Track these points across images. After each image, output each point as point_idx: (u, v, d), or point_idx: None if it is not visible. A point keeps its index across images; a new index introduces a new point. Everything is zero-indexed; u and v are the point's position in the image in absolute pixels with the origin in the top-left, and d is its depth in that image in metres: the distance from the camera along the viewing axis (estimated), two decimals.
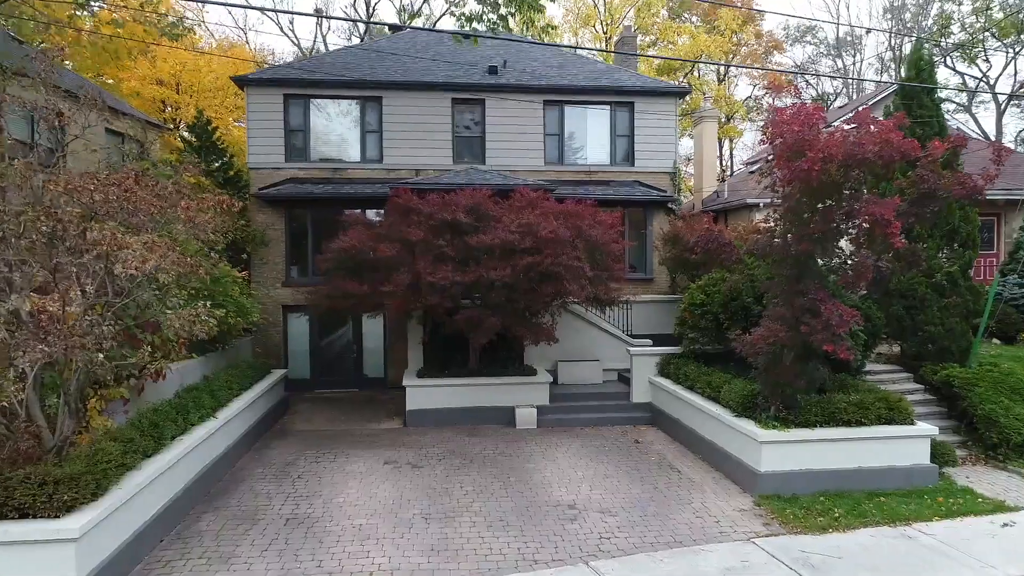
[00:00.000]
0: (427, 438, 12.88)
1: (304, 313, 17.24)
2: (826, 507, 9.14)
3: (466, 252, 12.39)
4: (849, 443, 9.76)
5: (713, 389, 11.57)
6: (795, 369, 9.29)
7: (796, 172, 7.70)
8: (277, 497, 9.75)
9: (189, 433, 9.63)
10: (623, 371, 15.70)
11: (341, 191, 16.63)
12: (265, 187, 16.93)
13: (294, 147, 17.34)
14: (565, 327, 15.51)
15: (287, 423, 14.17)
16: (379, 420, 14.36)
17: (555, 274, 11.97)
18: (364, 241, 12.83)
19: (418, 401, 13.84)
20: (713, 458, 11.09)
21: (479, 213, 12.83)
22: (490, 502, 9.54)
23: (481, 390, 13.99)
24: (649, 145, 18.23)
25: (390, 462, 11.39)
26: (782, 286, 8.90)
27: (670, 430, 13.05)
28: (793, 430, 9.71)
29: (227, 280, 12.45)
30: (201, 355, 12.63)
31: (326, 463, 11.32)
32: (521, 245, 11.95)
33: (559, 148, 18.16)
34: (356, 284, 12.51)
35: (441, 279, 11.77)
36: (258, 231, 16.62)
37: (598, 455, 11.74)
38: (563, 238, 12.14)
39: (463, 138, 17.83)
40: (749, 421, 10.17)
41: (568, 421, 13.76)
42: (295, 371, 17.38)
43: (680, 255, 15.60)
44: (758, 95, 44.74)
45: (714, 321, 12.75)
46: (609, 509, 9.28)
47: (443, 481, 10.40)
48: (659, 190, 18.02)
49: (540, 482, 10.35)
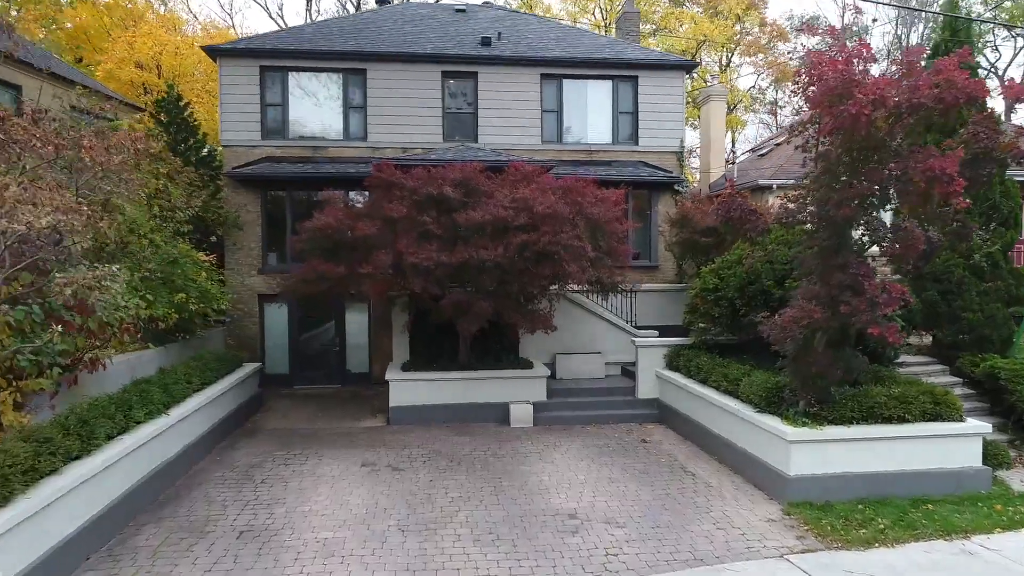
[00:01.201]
0: (411, 437, 11.62)
1: (283, 303, 15.96)
2: (867, 517, 7.89)
3: (453, 230, 11.13)
4: (890, 442, 8.51)
5: (730, 382, 10.33)
6: (829, 357, 8.04)
7: (840, 119, 6.44)
8: (234, 505, 8.48)
9: (132, 432, 8.35)
10: (627, 364, 14.45)
11: (321, 170, 15.34)
12: (239, 166, 15.64)
13: (271, 124, 16.04)
14: (564, 317, 14.26)
15: (259, 421, 12.89)
16: (361, 418, 13.09)
17: (552, 254, 10.71)
18: (342, 219, 11.56)
19: (402, 397, 12.58)
20: (731, 460, 9.84)
21: (469, 188, 11.57)
22: (478, 511, 8.28)
23: (472, 385, 12.74)
24: (654, 123, 16.97)
25: (368, 464, 10.12)
26: (817, 260, 7.65)
27: (680, 428, 11.80)
28: (826, 428, 8.46)
29: (187, 261, 11.16)
30: (161, 345, 11.38)
31: (296, 465, 10.06)
32: (515, 222, 10.69)
33: (557, 126, 16.89)
34: (332, 266, 11.24)
35: (425, 260, 10.50)
36: (230, 213, 15.32)
37: (601, 456, 10.49)
38: (561, 214, 10.88)
39: (454, 115, 16.55)
40: (774, 418, 8.93)
41: (567, 419, 12.50)
42: (273, 365, 16.12)
43: (689, 238, 14.35)
44: (762, 86, 43.62)
45: (729, 308, 11.51)
46: (615, 519, 8.02)
47: (426, 486, 9.14)
48: (665, 171, 16.77)
49: (536, 487, 9.09)
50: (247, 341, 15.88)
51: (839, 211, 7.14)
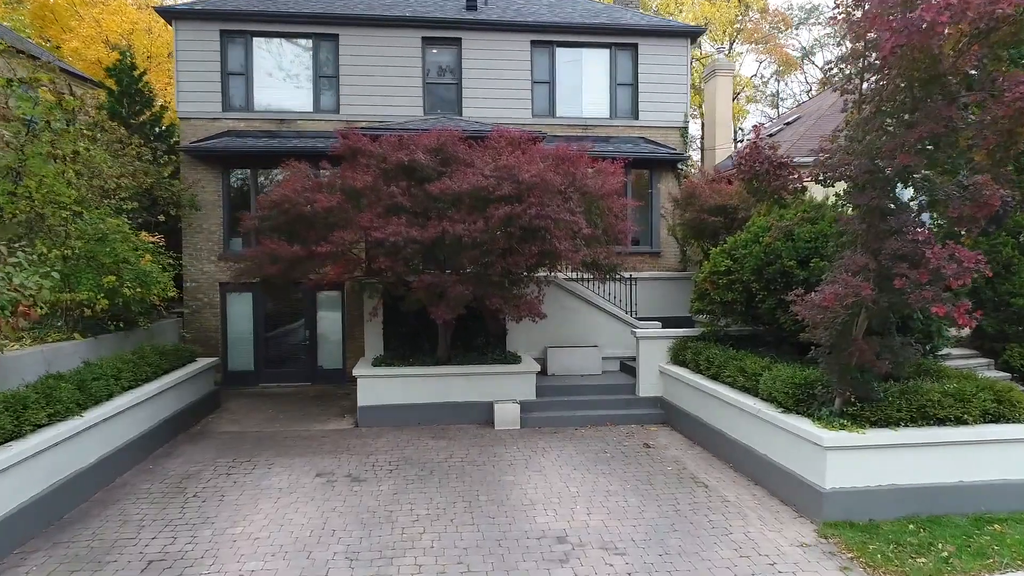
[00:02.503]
0: (380, 442, 10.13)
1: (247, 292, 14.47)
2: (924, 541, 6.42)
3: (426, 203, 9.65)
4: (947, 449, 7.04)
5: (748, 378, 8.87)
6: (875, 346, 6.58)
7: (905, 35, 4.98)
8: (152, 526, 6.99)
9: (24, 439, 6.84)
10: (627, 359, 12.99)
11: (288, 145, 13.84)
12: (198, 141, 14.14)
13: (233, 95, 14.55)
14: (556, 306, 12.79)
15: (211, 423, 11.39)
16: (327, 419, 11.60)
17: (540, 229, 9.22)
18: (300, 192, 10.05)
19: (372, 396, 11.09)
20: (750, 468, 8.38)
21: (445, 155, 10.09)
22: (448, 533, 6.80)
23: (451, 382, 11.25)
24: (656, 95, 15.50)
25: (324, 474, 8.63)
26: (863, 225, 6.18)
27: (688, 431, 10.34)
28: (870, 431, 6.99)
29: (117, 238, 9.64)
30: (93, 336, 9.89)
31: (239, 476, 8.56)
32: (497, 192, 9.20)
33: (550, 98, 15.41)
34: (287, 246, 9.75)
35: (392, 235, 9.00)
36: (184, 192, 13.80)
37: (597, 464, 9.02)
38: (551, 184, 9.40)
39: (436, 85, 15.06)
40: (803, 419, 7.46)
41: (559, 420, 11.03)
42: (236, 361, 14.63)
43: (696, 218, 12.87)
44: (764, 75, 42.28)
45: (743, 293, 10.05)
46: (614, 543, 6.55)
47: (388, 501, 7.66)
48: (667, 148, 15.30)
49: (519, 502, 7.61)
50: (207, 335, 14.39)
51: (894, 160, 5.68)
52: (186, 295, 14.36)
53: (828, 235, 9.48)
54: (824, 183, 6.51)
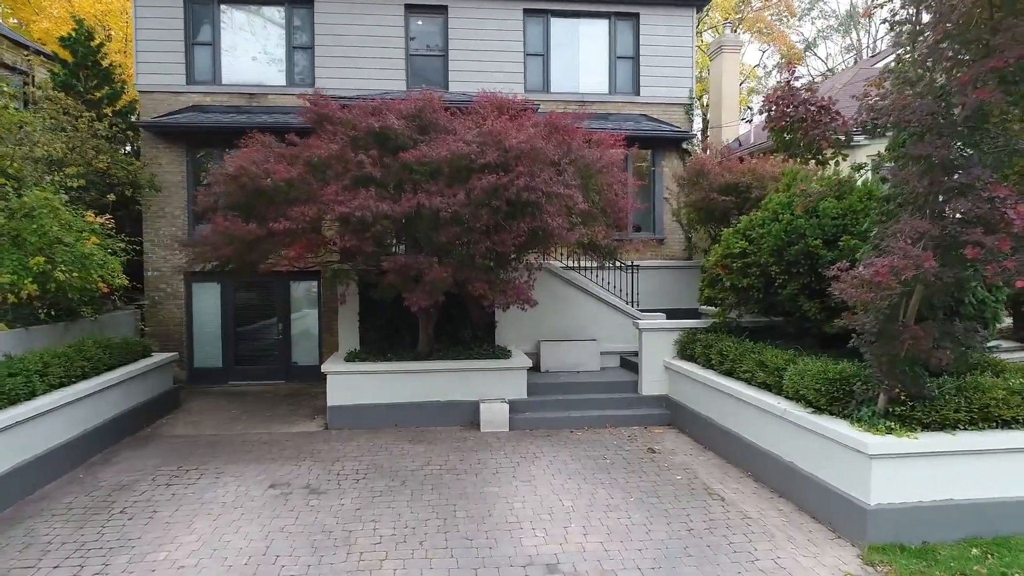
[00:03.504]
0: (350, 446, 8.96)
1: (215, 282, 13.28)
2: (995, 570, 5.25)
3: (401, 174, 8.46)
4: (1017, 456, 5.87)
5: (769, 373, 7.69)
6: (932, 332, 5.40)
7: None
8: (58, 551, 5.80)
9: None
10: (628, 354, 11.82)
11: (257, 121, 12.61)
12: (160, 116, 12.93)
13: (199, 67, 13.35)
14: (550, 295, 11.62)
15: (165, 425, 10.20)
16: (295, 420, 10.42)
17: (530, 203, 8.04)
18: (260, 163, 8.86)
19: (345, 394, 9.91)
20: (774, 478, 7.21)
21: (424, 122, 8.92)
22: (415, 559, 5.63)
23: (433, 379, 10.07)
24: (658, 70, 14.32)
25: (279, 485, 7.45)
26: (923, 181, 5.01)
27: (698, 433, 9.17)
28: (923, 435, 5.82)
29: (44, 214, 8.43)
30: (22, 327, 8.74)
31: (180, 487, 7.38)
32: (480, 160, 8.02)
33: (543, 72, 14.23)
34: (241, 224, 8.55)
35: (359, 210, 7.81)
36: (142, 172, 12.58)
37: (595, 472, 7.85)
38: (542, 152, 8.22)
39: (420, 57, 13.88)
40: (839, 420, 6.30)
41: (553, 421, 9.86)
42: (203, 357, 13.44)
43: (704, 199, 11.69)
44: (767, 65, 41.15)
45: (760, 277, 8.89)
46: (616, 573, 5.38)
47: (349, 518, 6.48)
48: (671, 125, 14.12)
49: (503, 520, 6.44)
50: (170, 328, 13.20)
51: (966, 96, 4.52)
52: (147, 285, 13.16)
53: (858, 211, 8.39)
54: (872, 132, 5.35)
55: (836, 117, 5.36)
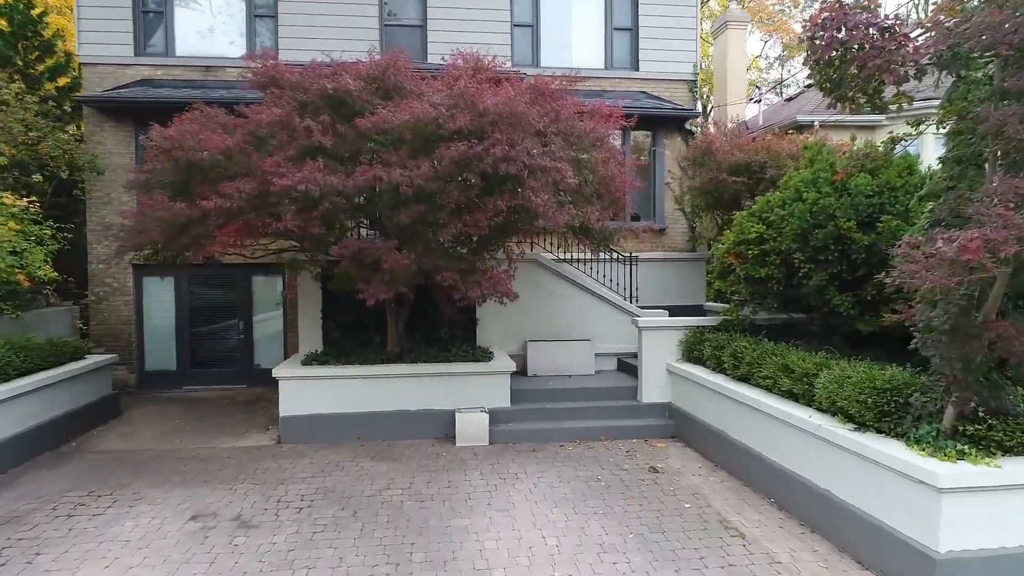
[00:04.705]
0: (301, 464, 7.65)
1: (169, 275, 11.97)
2: None
3: (357, 143, 7.15)
4: None
5: (796, 380, 6.40)
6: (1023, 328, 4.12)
7: None
8: None
9: None
10: (626, 355, 10.53)
11: (213, 96, 11.25)
12: (106, 91, 11.61)
13: (150, 36, 12.02)
14: (538, 289, 10.33)
15: (94, 438, 8.89)
16: (245, 432, 9.11)
17: (510, 177, 6.74)
18: (194, 134, 7.53)
19: (300, 403, 8.60)
20: (804, 507, 5.91)
21: (388, 86, 7.62)
22: None
23: (403, 385, 8.77)
24: (660, 42, 13.03)
25: (203, 516, 6.14)
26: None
27: (707, 448, 7.88)
28: (1006, 462, 4.53)
29: None
30: None
31: (83, 520, 6.06)
32: (449, 125, 6.71)
33: (533, 44, 12.92)
34: (168, 203, 7.24)
35: (302, 183, 6.49)
36: (81, 150, 11.23)
37: (588, 498, 6.55)
38: (523, 116, 6.91)
39: (396, 27, 12.57)
40: (892, 441, 5.01)
41: (540, 433, 8.56)
42: (156, 359, 12.13)
43: (713, 180, 10.38)
44: (769, 55, 39.88)
45: (781, 267, 7.61)
46: None
47: (278, 563, 5.17)
48: (673, 104, 12.83)
49: (471, 566, 5.13)
50: (117, 327, 11.88)
51: None
52: (91, 279, 11.83)
53: (896, 188, 7.15)
54: (950, 64, 4.06)
55: (905, 42, 4.08)
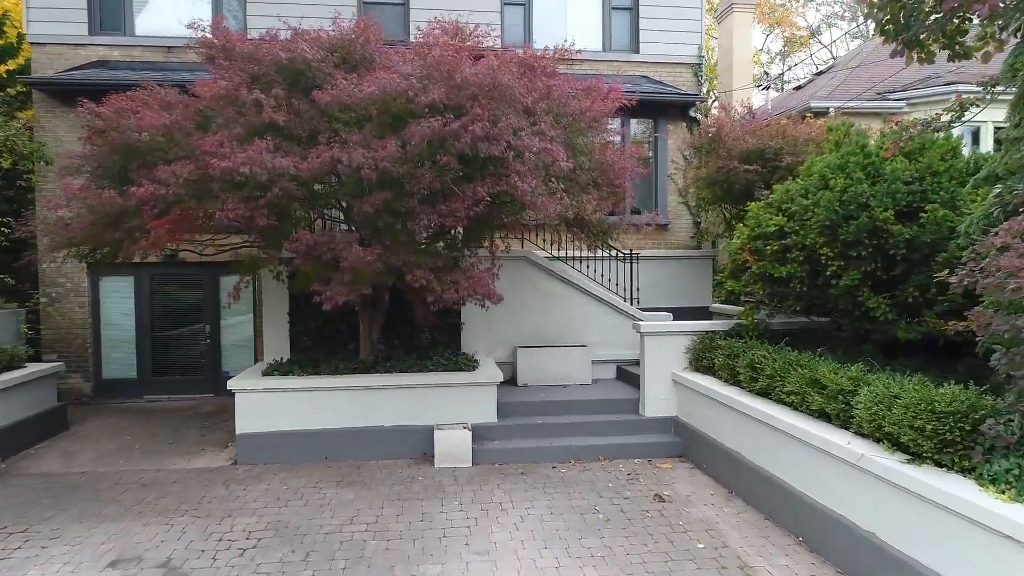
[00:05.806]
0: (256, 491, 6.67)
1: (128, 276, 10.98)
2: None
3: (317, 121, 6.17)
4: None
5: (828, 398, 5.42)
6: None
7: None
8: None
9: None
10: (626, 363, 9.57)
11: (175, 78, 10.24)
12: (58, 73, 10.62)
13: (106, 13, 11.04)
14: (529, 289, 9.36)
15: (30, 457, 7.91)
16: (200, 450, 8.14)
17: (492, 160, 5.76)
18: (133, 111, 6.54)
19: (259, 419, 7.62)
20: (841, 551, 4.94)
21: (354, 57, 6.63)
22: None
23: (376, 398, 7.79)
24: (662, 23, 12.07)
25: (125, 561, 5.15)
26: None
27: (720, 472, 6.91)
28: None
29: None
30: None
31: None
32: (421, 99, 5.72)
33: (525, 24, 11.96)
34: (95, 191, 6.26)
35: (246, 165, 5.50)
36: (26, 141, 10.21)
37: (583, 536, 5.57)
38: (509, 92, 5.93)
39: (376, 5, 11.60)
40: (959, 478, 4.05)
41: (530, 452, 7.59)
42: (114, 367, 11.15)
43: (723, 169, 9.37)
44: (771, 49, 38.97)
45: (805, 264, 6.64)
46: None
47: None
48: (677, 89, 11.86)
49: None
50: (71, 332, 10.89)
51: None
52: (42, 279, 10.83)
53: (940, 173, 6.20)
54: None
55: None
